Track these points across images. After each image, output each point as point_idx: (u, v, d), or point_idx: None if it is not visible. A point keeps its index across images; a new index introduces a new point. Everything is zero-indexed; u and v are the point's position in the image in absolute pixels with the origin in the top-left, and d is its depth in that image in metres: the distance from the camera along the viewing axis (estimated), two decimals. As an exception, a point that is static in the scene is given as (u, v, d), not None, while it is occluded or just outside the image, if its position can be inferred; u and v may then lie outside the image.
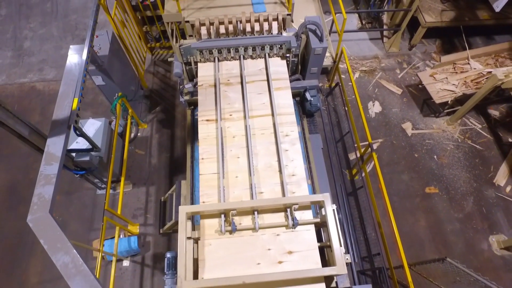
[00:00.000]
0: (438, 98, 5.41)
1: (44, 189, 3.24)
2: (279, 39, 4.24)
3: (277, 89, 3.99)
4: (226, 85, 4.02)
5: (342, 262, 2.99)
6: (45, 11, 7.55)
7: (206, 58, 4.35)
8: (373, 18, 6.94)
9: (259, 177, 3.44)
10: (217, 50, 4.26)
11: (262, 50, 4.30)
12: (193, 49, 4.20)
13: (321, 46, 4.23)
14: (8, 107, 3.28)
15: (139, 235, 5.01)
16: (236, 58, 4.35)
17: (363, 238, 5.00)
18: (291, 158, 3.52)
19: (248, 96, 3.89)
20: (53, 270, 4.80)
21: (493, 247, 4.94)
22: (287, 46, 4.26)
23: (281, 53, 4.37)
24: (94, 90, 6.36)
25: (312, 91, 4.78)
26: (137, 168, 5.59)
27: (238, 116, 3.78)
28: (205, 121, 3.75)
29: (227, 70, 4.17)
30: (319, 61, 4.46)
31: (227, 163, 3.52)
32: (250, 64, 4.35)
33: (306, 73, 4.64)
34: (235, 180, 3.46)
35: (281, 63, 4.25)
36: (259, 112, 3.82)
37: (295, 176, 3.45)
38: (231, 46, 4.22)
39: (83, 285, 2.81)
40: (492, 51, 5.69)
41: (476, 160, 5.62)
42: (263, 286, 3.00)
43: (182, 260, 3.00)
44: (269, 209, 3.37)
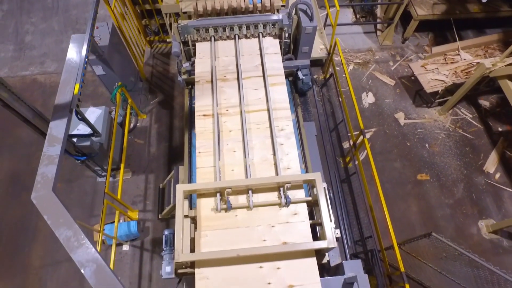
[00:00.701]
0: (429, 87, 5.56)
1: (47, 168, 3.38)
2: (272, 18, 4.44)
3: (273, 84, 4.04)
4: (222, 80, 4.08)
5: (332, 236, 3.13)
6: (46, 6, 7.70)
7: (202, 37, 4.53)
8: (367, 12, 7.10)
9: (255, 170, 3.50)
10: (213, 29, 4.44)
11: (256, 28, 4.49)
12: (190, 27, 4.38)
13: (312, 25, 4.47)
14: (14, 90, 3.43)
15: (139, 220, 5.15)
16: (231, 38, 4.54)
17: (356, 223, 5.15)
18: (286, 151, 3.59)
19: (244, 91, 3.95)
20: (54, 254, 4.98)
21: (482, 231, 5.09)
22: (279, 25, 4.44)
23: (274, 32, 4.55)
24: (95, 82, 6.51)
25: (304, 70, 4.97)
26: (137, 157, 5.74)
27: (235, 111, 3.84)
28: (202, 116, 3.81)
29: (223, 66, 4.23)
30: (310, 40, 4.69)
31: (224, 157, 3.59)
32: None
33: (298, 53, 4.87)
34: (231, 173, 3.52)
35: (277, 59, 4.28)
36: (255, 107, 3.88)
37: (290, 169, 3.53)
38: (226, 24, 4.41)
39: (85, 257, 2.95)
40: (482, 43, 5.85)
41: (466, 148, 5.77)
42: (257, 260, 3.15)
43: (179, 235, 3.14)
44: (263, 189, 3.49)
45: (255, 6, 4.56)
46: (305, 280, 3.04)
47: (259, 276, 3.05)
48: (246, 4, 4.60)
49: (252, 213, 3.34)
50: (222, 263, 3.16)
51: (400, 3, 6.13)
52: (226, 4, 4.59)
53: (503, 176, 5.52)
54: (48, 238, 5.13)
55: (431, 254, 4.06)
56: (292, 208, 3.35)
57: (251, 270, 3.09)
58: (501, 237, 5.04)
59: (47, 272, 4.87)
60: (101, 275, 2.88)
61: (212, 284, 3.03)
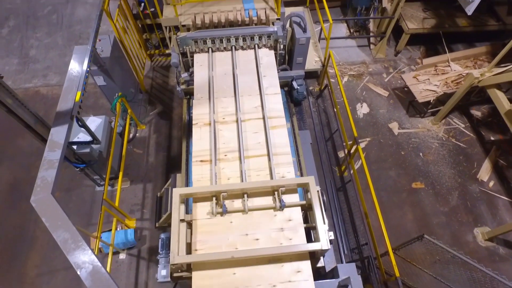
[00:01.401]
0: (421, 97, 5.71)
1: (47, 172, 3.46)
2: (267, 30, 4.63)
3: (273, 127, 3.89)
4: (221, 123, 3.93)
5: (326, 238, 3.19)
6: (51, 22, 7.98)
7: (200, 49, 4.69)
8: (360, 26, 7.36)
9: (253, 219, 3.32)
10: (211, 40, 4.60)
11: (252, 40, 4.65)
12: (189, 39, 4.56)
13: (305, 36, 4.68)
14: (18, 97, 3.55)
15: (136, 229, 5.18)
16: (228, 49, 4.71)
17: (352, 230, 5.17)
18: (290, 219, 3.34)
19: (244, 135, 3.80)
20: (50, 263, 4.98)
21: (477, 238, 5.11)
22: (274, 37, 4.62)
23: (270, 44, 4.73)
24: (96, 94, 6.68)
25: (299, 80, 5.19)
26: (135, 166, 5.82)
27: (233, 157, 3.67)
28: (199, 162, 3.64)
29: (222, 108, 4.07)
30: (304, 50, 4.88)
31: (221, 225, 3.36)
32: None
33: (292, 64, 5.05)
34: (230, 225, 3.29)
35: (277, 100, 4.14)
36: (255, 152, 3.72)
37: (291, 221, 3.31)
38: (223, 36, 4.58)
39: (81, 259, 2.98)
40: (471, 55, 6.04)
41: (460, 157, 5.86)
42: (251, 263, 3.18)
43: (175, 237, 3.19)
44: (258, 193, 3.56)
45: (251, 19, 4.77)
46: (299, 283, 3.07)
47: (254, 279, 3.08)
48: (243, 17, 4.82)
49: (247, 219, 3.33)
50: (218, 266, 3.20)
51: (391, 18, 6.37)
52: (223, 17, 4.80)
53: (497, 184, 5.59)
54: (45, 247, 5.14)
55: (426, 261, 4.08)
56: (287, 214, 3.34)
57: (247, 273, 3.13)
58: (497, 245, 5.06)
59: (43, 281, 4.85)
60: (96, 276, 2.91)
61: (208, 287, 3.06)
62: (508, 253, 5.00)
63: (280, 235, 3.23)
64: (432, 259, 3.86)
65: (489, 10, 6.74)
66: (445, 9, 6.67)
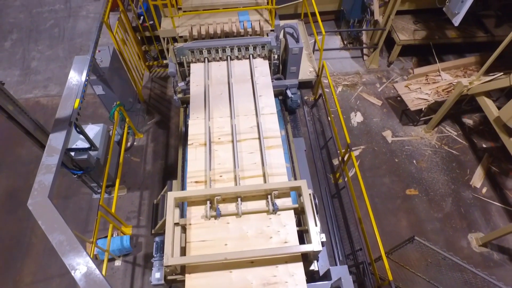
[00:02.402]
0: (413, 106, 5.84)
1: (45, 177, 3.53)
2: (261, 40, 4.80)
3: (269, 147, 3.91)
4: (217, 143, 3.95)
5: (317, 239, 3.23)
6: (53, 36, 8.20)
7: (197, 59, 4.84)
8: (353, 38, 7.57)
9: (250, 243, 3.28)
10: (207, 50, 4.75)
11: (247, 50, 4.79)
12: (185, 49, 4.71)
13: (298, 46, 4.82)
14: (19, 103, 3.67)
15: (132, 236, 5.20)
16: (224, 59, 4.85)
17: (347, 236, 5.20)
18: (283, 223, 3.35)
19: (239, 155, 3.81)
20: (46, 271, 4.98)
21: (472, 244, 5.14)
22: (268, 47, 4.77)
23: (264, 54, 4.87)
24: (95, 104, 6.81)
25: (293, 89, 5.31)
26: (132, 174, 5.88)
27: (229, 177, 3.69)
28: (194, 183, 3.65)
29: (218, 128, 4.10)
30: (297, 60, 5.02)
31: (216, 228, 3.39)
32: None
33: (286, 73, 5.18)
34: (225, 248, 3.28)
35: (273, 120, 4.16)
36: (250, 172, 3.72)
37: (287, 242, 3.25)
38: (219, 46, 4.73)
39: (76, 260, 3.03)
40: (461, 64, 6.21)
41: (453, 164, 5.95)
42: (244, 265, 3.22)
43: (169, 239, 3.24)
44: (252, 197, 3.62)
45: (246, 30, 4.95)
46: (292, 285, 3.09)
47: (248, 280, 3.11)
48: (237, 28, 4.99)
49: (241, 222, 3.35)
50: (211, 269, 3.24)
51: (383, 30, 6.58)
52: (219, 29, 4.98)
53: (490, 190, 5.65)
54: (41, 254, 5.15)
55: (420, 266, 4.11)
56: (282, 236, 3.27)
57: (240, 275, 3.16)
58: (491, 250, 5.08)
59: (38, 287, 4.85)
60: (90, 277, 2.95)
61: None
62: (503, 259, 5.01)
63: None
64: (424, 262, 3.88)
65: (478, 22, 6.96)
66: (434, 21, 6.89)
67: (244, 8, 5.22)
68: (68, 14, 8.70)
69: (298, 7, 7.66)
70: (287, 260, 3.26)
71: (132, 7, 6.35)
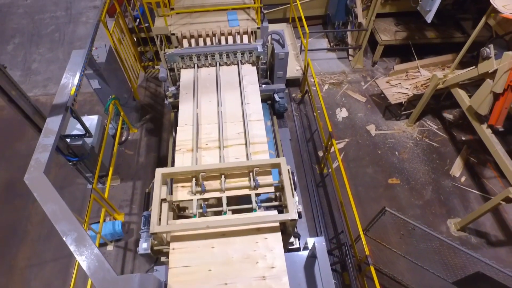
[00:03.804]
0: (393, 99, 6.16)
1: (41, 155, 3.78)
2: (248, 46, 5.01)
3: (255, 153, 4.01)
4: (204, 149, 4.02)
5: (294, 209, 3.45)
6: (54, 40, 8.59)
7: (187, 65, 5.04)
8: (339, 40, 7.96)
9: (235, 268, 3.08)
10: (197, 56, 4.95)
11: (235, 56, 4.99)
12: (176, 55, 4.90)
13: (283, 52, 4.98)
14: (20, 88, 3.96)
15: (124, 222, 5.40)
16: (213, 65, 5.04)
17: (331, 222, 5.40)
18: (270, 247, 3.18)
19: (226, 159, 3.94)
20: (41, 256, 5.17)
21: (451, 229, 5.34)
22: (256, 53, 4.95)
23: (252, 60, 5.07)
24: (92, 102, 7.13)
25: (280, 93, 5.47)
26: (126, 166, 6.13)
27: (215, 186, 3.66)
28: (180, 187, 3.68)
29: (206, 134, 4.18)
30: (283, 65, 5.18)
31: (201, 253, 3.23)
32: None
33: (274, 78, 5.35)
34: (209, 273, 3.10)
35: (260, 127, 4.24)
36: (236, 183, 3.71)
37: (274, 267, 3.08)
38: (208, 52, 4.92)
39: (67, 227, 3.24)
40: (439, 62, 6.57)
41: (433, 155, 6.21)
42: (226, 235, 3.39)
43: (156, 209, 3.46)
44: (235, 175, 3.86)
45: (234, 35, 5.10)
46: (271, 254, 3.18)
47: (229, 254, 3.14)
48: (227, 29, 5.27)
49: (227, 246, 3.19)
50: (195, 238, 3.44)
51: (365, 30, 6.97)
52: (209, 28, 5.27)
53: (468, 179, 5.89)
54: (35, 242, 5.34)
55: (396, 241, 4.31)
56: (269, 262, 3.11)
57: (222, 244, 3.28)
58: (469, 235, 5.28)
59: (32, 272, 5.01)
60: (80, 242, 3.15)
61: (184, 257, 3.20)
62: (480, 242, 5.21)
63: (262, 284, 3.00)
64: (398, 236, 4.08)
65: (456, 24, 7.37)
66: (415, 23, 7.29)
67: (232, 7, 5.58)
68: (69, 20, 9.13)
69: (287, 11, 8.09)
70: (266, 237, 3.29)
71: (128, 9, 6.75)
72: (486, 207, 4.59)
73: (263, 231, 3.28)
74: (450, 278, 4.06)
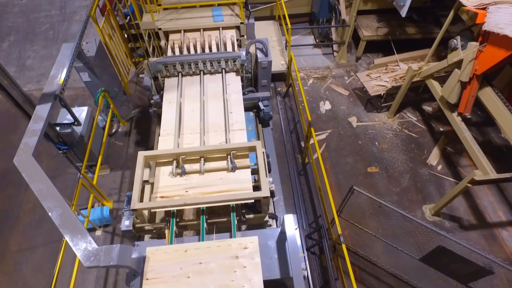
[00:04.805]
0: (373, 91, 6.41)
1: (30, 139, 4.00)
2: (232, 54, 4.96)
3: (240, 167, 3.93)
4: (184, 162, 3.92)
5: (267, 187, 3.69)
6: (48, 37, 8.83)
7: (171, 73, 5.00)
8: (324, 36, 8.22)
9: None
10: (180, 65, 4.85)
11: (219, 64, 4.95)
12: (159, 64, 4.85)
13: (266, 60, 4.98)
14: (10, 76, 4.19)
15: (112, 209, 5.62)
16: (197, 73, 5.03)
17: (311, 208, 5.63)
18: (249, 277, 2.97)
19: None
20: (31, 241, 5.38)
21: (426, 214, 5.57)
22: (240, 62, 4.95)
23: (236, 68, 5.05)
24: (84, 96, 7.35)
25: (265, 101, 5.50)
26: (116, 156, 6.36)
27: (195, 193, 3.69)
28: (159, 198, 3.67)
29: (187, 144, 4.25)
30: (267, 73, 5.19)
31: (176, 283, 3.02)
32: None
33: (258, 86, 5.38)
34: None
35: (242, 137, 4.30)
36: (216, 188, 3.77)
37: None
38: (192, 61, 4.87)
39: (53, 203, 3.46)
40: (417, 56, 6.82)
41: (412, 145, 6.45)
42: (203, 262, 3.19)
43: (137, 187, 3.70)
44: (214, 158, 4.09)
45: (217, 42, 5.19)
46: (249, 284, 2.98)
47: (204, 279, 3.03)
48: (212, 23, 5.50)
49: (203, 276, 3.02)
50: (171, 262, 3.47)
51: (347, 26, 7.23)
52: (195, 23, 5.51)
53: (445, 167, 6.13)
54: (27, 227, 5.55)
55: (367, 221, 4.53)
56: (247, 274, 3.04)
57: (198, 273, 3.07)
58: (443, 219, 5.51)
59: (23, 255, 5.22)
60: (65, 216, 3.36)
61: None
62: (453, 226, 5.44)
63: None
64: (368, 215, 4.31)
65: (435, 20, 7.63)
66: (396, 20, 7.55)
67: (217, 2, 5.83)
68: (63, 19, 9.38)
69: (274, 9, 8.35)
70: (245, 266, 3.09)
71: (119, 7, 6.99)
72: (455, 190, 4.83)
73: (242, 257, 3.09)
74: (417, 255, 4.29)
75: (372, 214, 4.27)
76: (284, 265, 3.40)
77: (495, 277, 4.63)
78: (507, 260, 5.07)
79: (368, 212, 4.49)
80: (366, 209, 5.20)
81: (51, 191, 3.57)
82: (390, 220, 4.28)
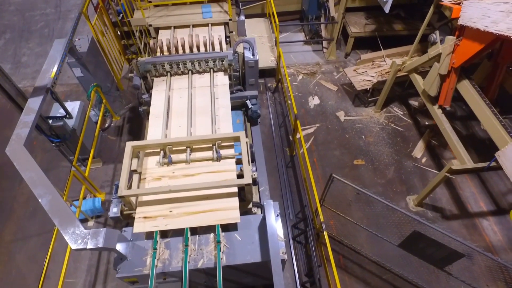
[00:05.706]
0: (359, 86, 6.56)
1: (22, 130, 4.14)
2: (220, 54, 5.05)
3: None
4: (169, 178, 3.92)
5: (249, 175, 3.83)
6: (43, 35, 8.98)
7: (160, 73, 5.07)
8: (314, 33, 8.38)
9: None
10: (169, 65, 4.92)
11: (207, 64, 5.05)
12: (148, 63, 4.93)
13: (253, 59, 5.05)
14: (4, 71, 4.33)
15: (104, 201, 5.77)
16: (186, 73, 5.11)
17: (298, 199, 5.79)
18: None
19: None
20: (25, 231, 5.52)
21: (409, 205, 5.73)
22: (227, 62, 5.05)
23: (224, 67, 5.14)
24: (78, 93, 7.50)
25: (253, 100, 5.52)
26: (108, 150, 6.50)
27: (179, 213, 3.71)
28: (142, 218, 3.64)
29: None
30: (254, 73, 5.27)
31: None
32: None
33: (246, 85, 5.47)
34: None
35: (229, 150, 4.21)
36: None
37: None
38: (180, 60, 4.95)
39: (44, 190, 3.60)
40: (403, 51, 6.98)
41: (397, 138, 6.61)
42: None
43: (124, 175, 3.84)
44: (200, 148, 4.24)
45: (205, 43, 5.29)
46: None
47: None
48: (201, 19, 5.64)
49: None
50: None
51: (336, 23, 7.39)
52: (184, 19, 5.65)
53: (429, 160, 6.29)
54: (21, 218, 5.69)
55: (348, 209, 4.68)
56: None
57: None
58: (426, 210, 5.67)
59: (17, 245, 5.37)
60: (54, 202, 3.51)
61: None
62: (436, 216, 5.60)
63: None
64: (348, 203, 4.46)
65: (422, 17, 7.77)
66: (384, 17, 7.71)
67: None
68: (58, 17, 9.52)
69: (265, 7, 8.51)
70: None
71: (111, 4, 7.14)
72: (435, 180, 4.99)
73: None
74: (396, 242, 4.44)
75: (352, 202, 4.42)
76: (265, 249, 3.55)
77: (474, 263, 4.82)
78: (487, 248, 5.24)
79: (350, 201, 4.64)
80: (352, 200, 5.35)
81: (41, 179, 3.71)
82: (374, 210, 4.43)
